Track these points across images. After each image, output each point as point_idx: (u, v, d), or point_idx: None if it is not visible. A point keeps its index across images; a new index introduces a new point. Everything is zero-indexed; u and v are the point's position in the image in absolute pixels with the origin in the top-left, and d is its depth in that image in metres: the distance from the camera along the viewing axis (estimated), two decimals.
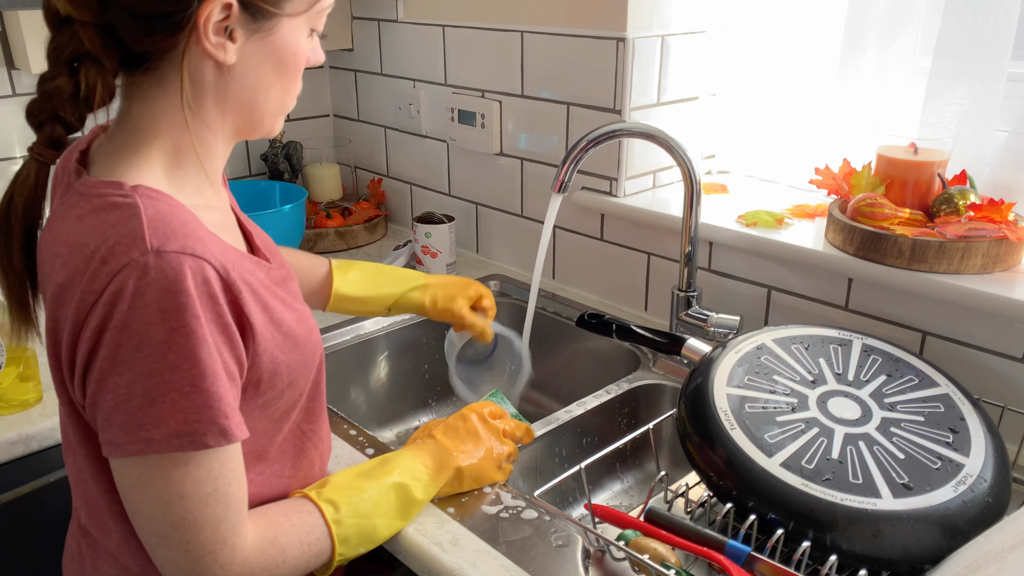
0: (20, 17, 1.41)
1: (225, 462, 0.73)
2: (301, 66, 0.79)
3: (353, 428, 1.10)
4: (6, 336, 1.10)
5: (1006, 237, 1.04)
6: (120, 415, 0.69)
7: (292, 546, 0.80)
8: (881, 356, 0.99)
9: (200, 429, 0.69)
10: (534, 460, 1.13)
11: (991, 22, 1.09)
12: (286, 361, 0.80)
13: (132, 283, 0.67)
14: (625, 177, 1.41)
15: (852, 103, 1.28)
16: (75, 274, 0.69)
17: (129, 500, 0.73)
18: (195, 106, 0.76)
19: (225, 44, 0.72)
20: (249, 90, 0.77)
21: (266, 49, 0.75)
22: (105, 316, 0.67)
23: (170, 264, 0.67)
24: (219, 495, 0.73)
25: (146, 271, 0.67)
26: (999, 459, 0.85)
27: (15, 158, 1.54)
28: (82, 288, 0.68)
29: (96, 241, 0.69)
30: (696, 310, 1.26)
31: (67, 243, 0.71)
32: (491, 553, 0.86)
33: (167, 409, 0.68)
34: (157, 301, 0.67)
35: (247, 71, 0.76)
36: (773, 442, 0.85)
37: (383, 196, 1.92)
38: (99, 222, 0.70)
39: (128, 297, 0.67)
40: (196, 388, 0.68)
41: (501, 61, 1.52)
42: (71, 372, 0.72)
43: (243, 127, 0.81)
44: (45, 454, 1.11)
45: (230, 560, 0.74)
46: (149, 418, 0.68)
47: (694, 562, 0.86)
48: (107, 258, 0.68)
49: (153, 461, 0.70)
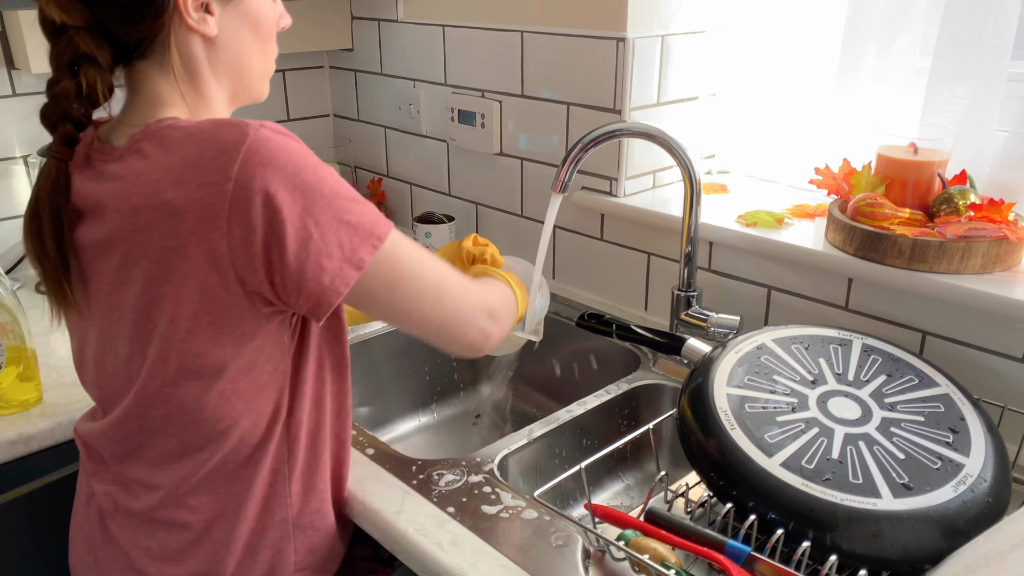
0: (20, 17, 1.41)
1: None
2: (274, 28, 0.88)
3: (353, 428, 1.10)
4: (9, 336, 1.10)
5: (1006, 237, 1.04)
6: (343, 234, 0.77)
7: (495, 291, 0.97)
8: (881, 356, 0.99)
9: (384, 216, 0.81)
10: (534, 460, 1.13)
11: (991, 22, 1.09)
12: None
13: (269, 141, 0.74)
14: (625, 177, 1.41)
15: (852, 103, 1.28)
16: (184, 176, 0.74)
17: (396, 301, 0.83)
18: (194, 80, 0.83)
19: (206, 18, 0.81)
20: (235, 57, 0.85)
21: (241, 17, 0.84)
22: (261, 177, 0.73)
23: (274, 128, 0.76)
24: (433, 257, 0.87)
25: (268, 136, 0.74)
26: (999, 459, 0.85)
27: (15, 158, 1.54)
28: (202, 183, 0.73)
29: (196, 149, 0.74)
30: (696, 310, 1.26)
31: (160, 167, 0.76)
32: (491, 553, 0.86)
33: (362, 208, 0.79)
34: (290, 149, 0.75)
35: (229, 40, 0.84)
36: (773, 442, 0.85)
37: (383, 196, 1.92)
38: (174, 138, 0.76)
39: (268, 159, 0.73)
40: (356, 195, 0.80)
41: (501, 61, 1.52)
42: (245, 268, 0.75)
43: (237, 93, 0.88)
44: (45, 454, 1.11)
45: (479, 292, 0.91)
46: (367, 219, 0.78)
47: (694, 562, 0.86)
48: (223, 148, 0.73)
49: (386, 254, 0.80)
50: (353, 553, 1.06)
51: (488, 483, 0.98)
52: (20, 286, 1.53)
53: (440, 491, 0.97)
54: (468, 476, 1.00)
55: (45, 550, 1.15)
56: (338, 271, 0.77)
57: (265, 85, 0.91)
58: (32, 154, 1.53)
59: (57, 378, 1.20)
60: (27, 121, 1.54)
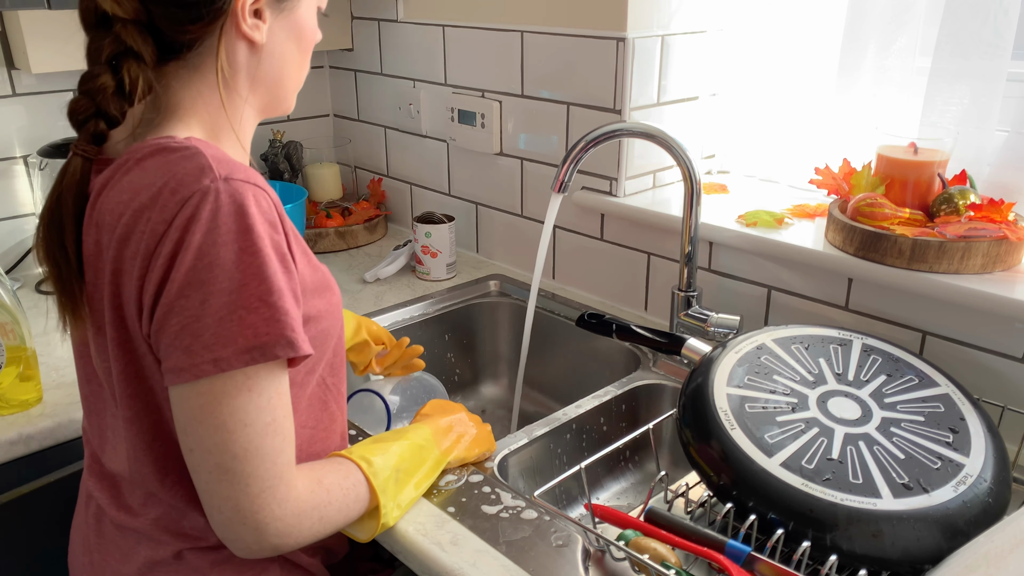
0: (20, 17, 1.41)
1: (282, 393, 0.75)
2: (315, 40, 0.86)
3: (352, 428, 1.10)
4: (9, 336, 1.10)
5: (1006, 237, 1.04)
6: (187, 337, 0.71)
7: (335, 488, 0.81)
8: (881, 356, 0.99)
9: (269, 341, 0.71)
10: (534, 460, 1.13)
11: (991, 22, 1.09)
12: (318, 308, 0.83)
13: (207, 207, 0.70)
14: (625, 177, 1.41)
15: (852, 103, 1.27)
16: (142, 210, 0.72)
17: (190, 433, 0.74)
18: (229, 88, 0.81)
19: (259, 25, 0.79)
20: (276, 67, 0.83)
21: (288, 27, 0.82)
22: (178, 241, 0.71)
23: (239, 190, 0.72)
24: (277, 426, 0.75)
25: (218, 196, 0.71)
26: (999, 459, 0.85)
27: (15, 158, 1.54)
28: (152, 220, 0.72)
29: (162, 178, 0.73)
30: (696, 310, 1.26)
31: (129, 189, 0.74)
32: (491, 553, 0.86)
33: (235, 326, 0.70)
34: (228, 223, 0.71)
35: (274, 49, 0.82)
36: (773, 442, 0.85)
37: (383, 196, 1.92)
38: (161, 162, 0.74)
39: (202, 220, 0.70)
40: (264, 303, 0.71)
41: (501, 61, 1.52)
42: (139, 308, 0.74)
43: (269, 104, 0.86)
44: (45, 454, 1.11)
45: (286, 496, 0.76)
46: (218, 337, 0.70)
47: (694, 562, 0.86)
48: (177, 188, 0.71)
49: (218, 385, 0.71)
50: (353, 553, 1.06)
51: (488, 483, 0.98)
52: (20, 286, 1.53)
53: (440, 491, 0.97)
54: (468, 476, 1.00)
55: (45, 550, 1.15)
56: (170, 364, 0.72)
57: (294, 98, 0.89)
58: (32, 154, 1.53)
59: (57, 378, 1.20)
60: (27, 121, 1.54)
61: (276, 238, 0.74)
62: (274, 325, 0.72)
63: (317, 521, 0.79)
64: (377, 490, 0.85)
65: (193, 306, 0.70)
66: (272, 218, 0.74)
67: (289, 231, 0.77)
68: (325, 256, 1.74)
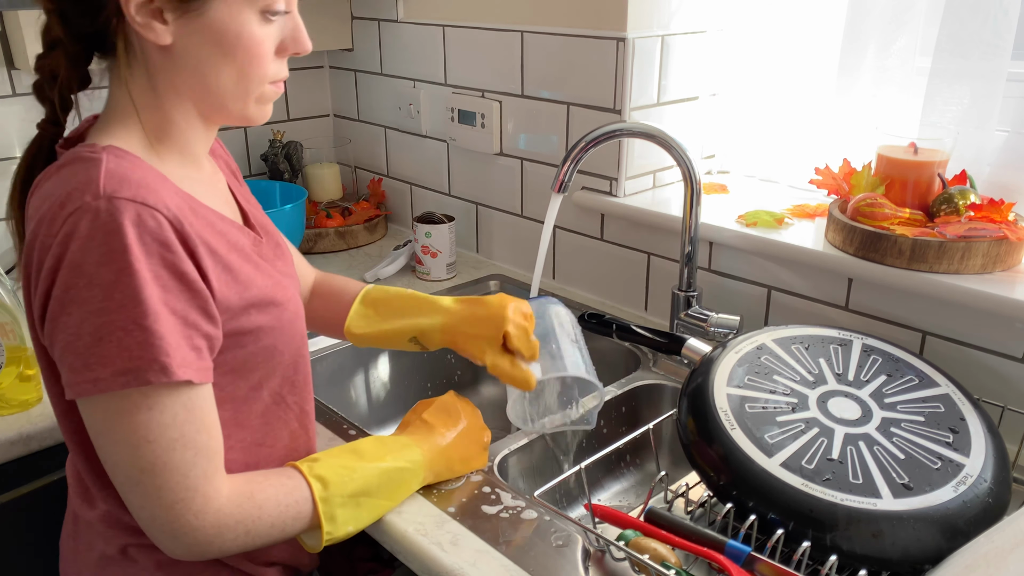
0: (20, 17, 1.41)
1: (191, 409, 0.74)
2: (254, 48, 0.77)
3: (353, 428, 1.10)
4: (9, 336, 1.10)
5: (1006, 237, 1.04)
6: (70, 355, 0.71)
7: (269, 503, 0.80)
8: (881, 356, 0.99)
9: (142, 366, 0.70)
10: (534, 460, 1.13)
11: (991, 22, 1.09)
12: (257, 323, 0.82)
13: (84, 225, 0.70)
14: (625, 177, 1.41)
15: (852, 103, 1.27)
16: (41, 221, 0.73)
17: (99, 445, 0.75)
18: (152, 89, 0.78)
19: (152, 24, 0.74)
20: (194, 73, 0.78)
21: (202, 31, 0.75)
22: (58, 257, 0.70)
23: (119, 208, 0.70)
24: (186, 441, 0.74)
25: (97, 214, 0.70)
26: (999, 459, 0.85)
27: (15, 158, 1.54)
28: (43, 233, 0.72)
29: (60, 190, 0.72)
30: (696, 310, 1.26)
31: (42, 196, 0.75)
32: (491, 553, 0.86)
33: (113, 347, 0.70)
34: (106, 242, 0.69)
35: (188, 53, 0.76)
36: (773, 442, 0.85)
37: (383, 196, 1.92)
38: (67, 173, 0.74)
39: (79, 238, 0.70)
40: (138, 326, 0.70)
41: (501, 61, 1.52)
42: (33, 318, 0.76)
43: (207, 111, 0.81)
44: (45, 454, 1.11)
45: (203, 509, 0.75)
46: (96, 357, 0.70)
47: (694, 562, 0.86)
48: (64, 203, 0.71)
49: (115, 403, 0.72)
50: (353, 553, 1.06)
51: (488, 483, 0.98)
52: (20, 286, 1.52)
53: (440, 491, 0.97)
54: (468, 476, 1.00)
55: (45, 550, 1.15)
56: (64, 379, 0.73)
57: (251, 108, 0.81)
58: None
59: None
60: (27, 121, 1.54)
61: (169, 258, 0.72)
62: (147, 349, 0.70)
63: (243, 534, 0.78)
64: (322, 516, 0.83)
65: (73, 324, 0.70)
66: (162, 237, 0.71)
67: (198, 249, 0.75)
68: (325, 256, 1.74)
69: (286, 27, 0.80)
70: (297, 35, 0.81)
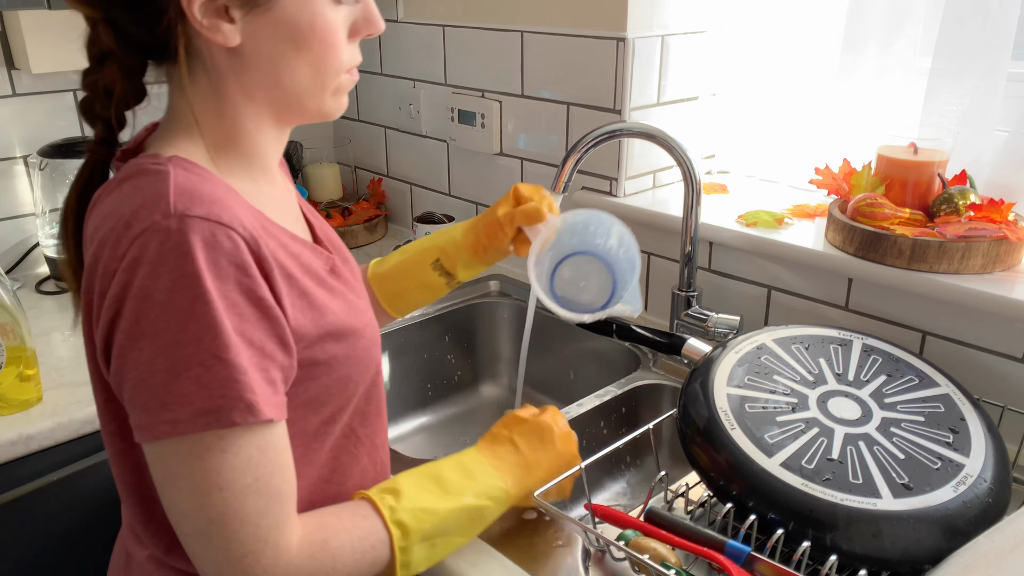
0: (20, 17, 1.41)
1: (265, 450, 0.67)
2: (329, 37, 0.72)
3: None
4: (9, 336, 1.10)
5: (1006, 237, 1.04)
6: (143, 394, 0.65)
7: (344, 552, 0.73)
8: (881, 356, 0.99)
9: (225, 404, 0.64)
10: None
11: (991, 22, 1.09)
12: (332, 354, 0.76)
13: (153, 247, 0.63)
14: (625, 177, 1.41)
15: (852, 103, 1.28)
16: (104, 241, 0.67)
17: (164, 494, 0.68)
18: (217, 96, 0.73)
19: (218, 25, 0.68)
20: (268, 71, 0.72)
21: (274, 25, 0.70)
22: (125, 284, 0.64)
23: (191, 228, 0.64)
24: (260, 487, 0.67)
25: (167, 235, 0.63)
26: (999, 459, 0.85)
27: (15, 158, 1.54)
28: (107, 256, 0.66)
29: (127, 207, 0.66)
30: (696, 310, 1.26)
31: (103, 214, 0.69)
32: (491, 553, 0.86)
33: (191, 385, 0.63)
34: (178, 267, 0.63)
35: (258, 52, 0.71)
36: (773, 442, 0.85)
37: (383, 196, 1.92)
38: (130, 188, 0.68)
39: (148, 262, 0.63)
40: (219, 360, 0.64)
41: (501, 61, 1.52)
42: (95, 347, 0.69)
43: (282, 112, 0.76)
44: (45, 454, 1.11)
45: (274, 562, 0.68)
46: (173, 396, 0.63)
47: (694, 562, 0.86)
48: (131, 222, 0.65)
49: (185, 446, 0.65)
50: None
51: None
52: (20, 286, 1.53)
53: None
54: None
55: (45, 550, 1.15)
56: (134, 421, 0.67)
57: (327, 101, 0.76)
58: (32, 154, 1.53)
59: (57, 378, 1.20)
60: (27, 121, 1.54)
61: (247, 282, 0.66)
62: (231, 386, 0.64)
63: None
64: (399, 564, 0.76)
65: (145, 360, 0.64)
66: (238, 259, 0.65)
67: (273, 272, 0.69)
68: None
69: (356, 7, 0.75)
70: (368, 14, 0.75)
